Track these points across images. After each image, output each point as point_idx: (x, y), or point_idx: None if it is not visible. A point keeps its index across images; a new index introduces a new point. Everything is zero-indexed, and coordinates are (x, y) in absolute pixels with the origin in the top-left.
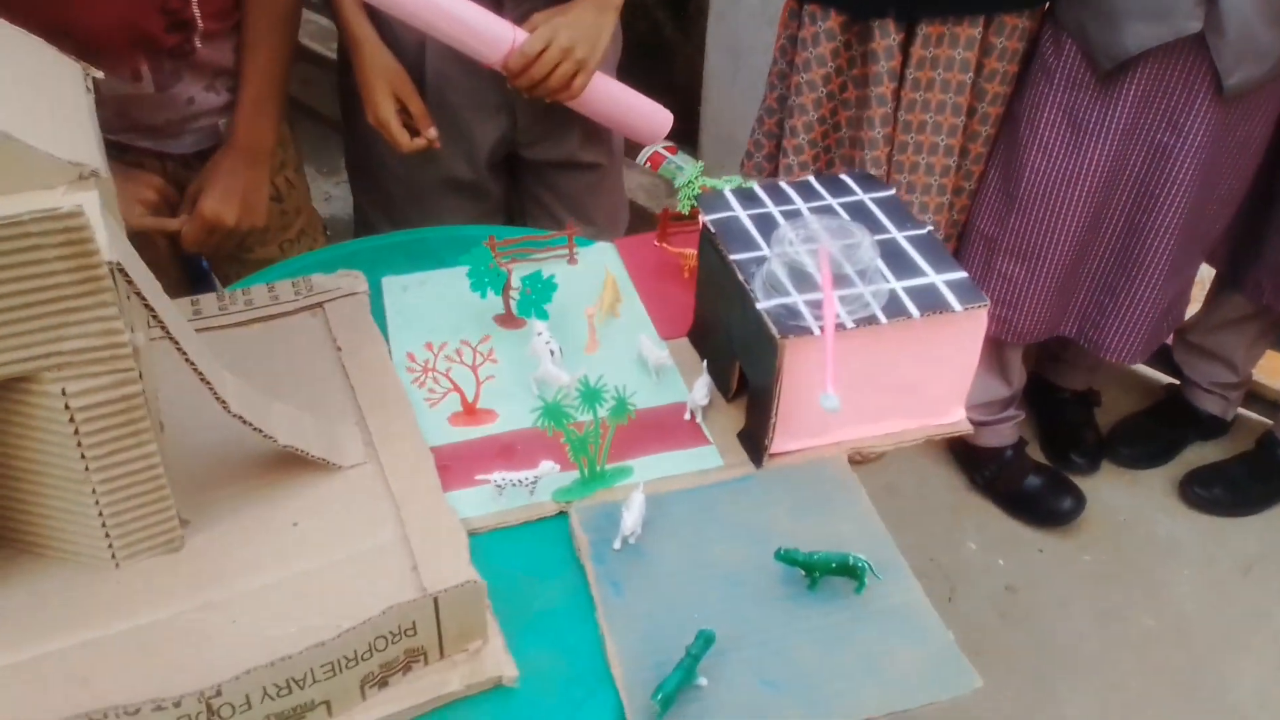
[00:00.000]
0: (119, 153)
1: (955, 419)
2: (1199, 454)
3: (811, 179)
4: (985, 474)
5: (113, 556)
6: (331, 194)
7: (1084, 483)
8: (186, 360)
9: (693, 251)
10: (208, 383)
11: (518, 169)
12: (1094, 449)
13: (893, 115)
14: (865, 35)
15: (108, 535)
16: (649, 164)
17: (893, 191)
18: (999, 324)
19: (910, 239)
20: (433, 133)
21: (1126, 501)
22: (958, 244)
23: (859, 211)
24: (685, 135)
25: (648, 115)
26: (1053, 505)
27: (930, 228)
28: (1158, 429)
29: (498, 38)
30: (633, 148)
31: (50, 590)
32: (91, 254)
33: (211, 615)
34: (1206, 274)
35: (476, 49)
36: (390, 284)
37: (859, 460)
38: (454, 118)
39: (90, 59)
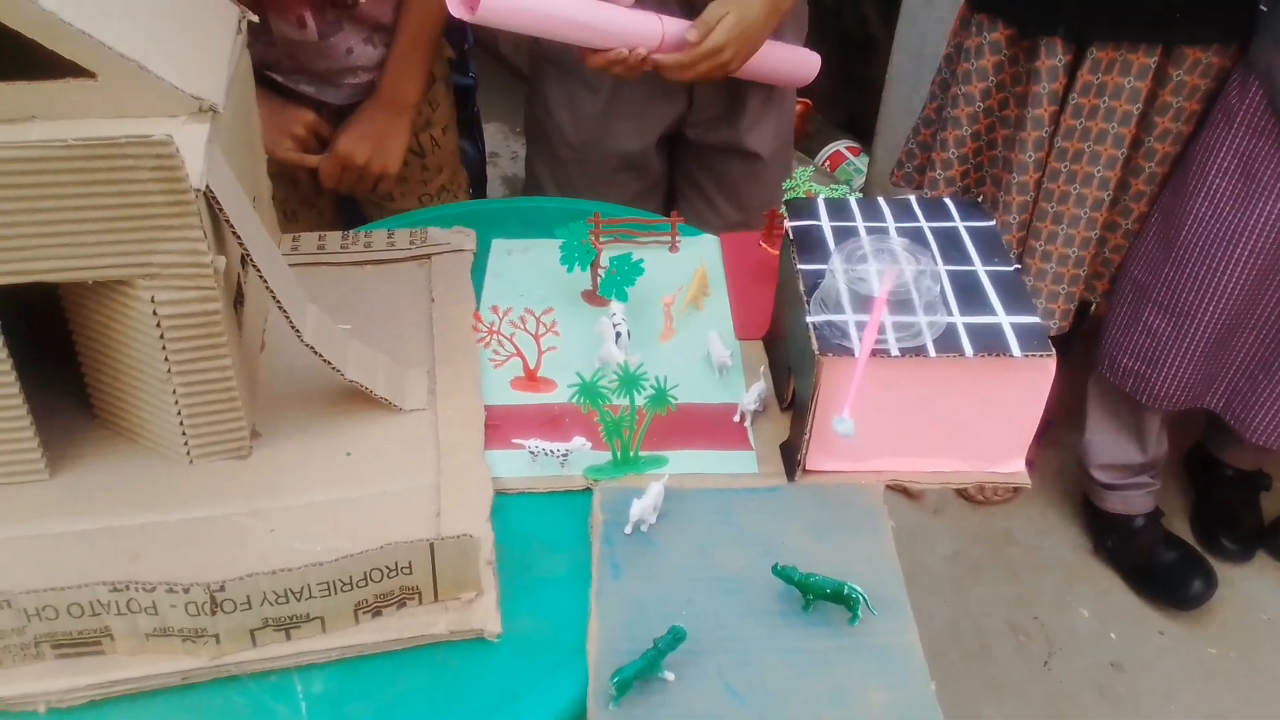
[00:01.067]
0: (285, 93)
1: (1013, 469)
2: None
3: (913, 199)
4: (1109, 542)
5: (188, 453)
6: (519, 153)
7: (1232, 571)
8: (267, 288)
9: None
10: (285, 312)
11: (678, 148)
12: (1251, 535)
13: (1048, 140)
14: (1032, 52)
15: (184, 434)
16: (828, 163)
17: (992, 223)
18: (1136, 380)
19: (992, 274)
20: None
21: (1275, 600)
22: (1110, 284)
23: (949, 239)
24: (870, 136)
25: (797, 62)
26: (1180, 584)
27: (1017, 266)
28: None
29: (644, 37)
30: (814, 146)
31: (131, 473)
32: (180, 180)
33: (255, 522)
34: None
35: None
36: (498, 246)
37: (909, 494)
38: (633, 92)
39: (261, 5)
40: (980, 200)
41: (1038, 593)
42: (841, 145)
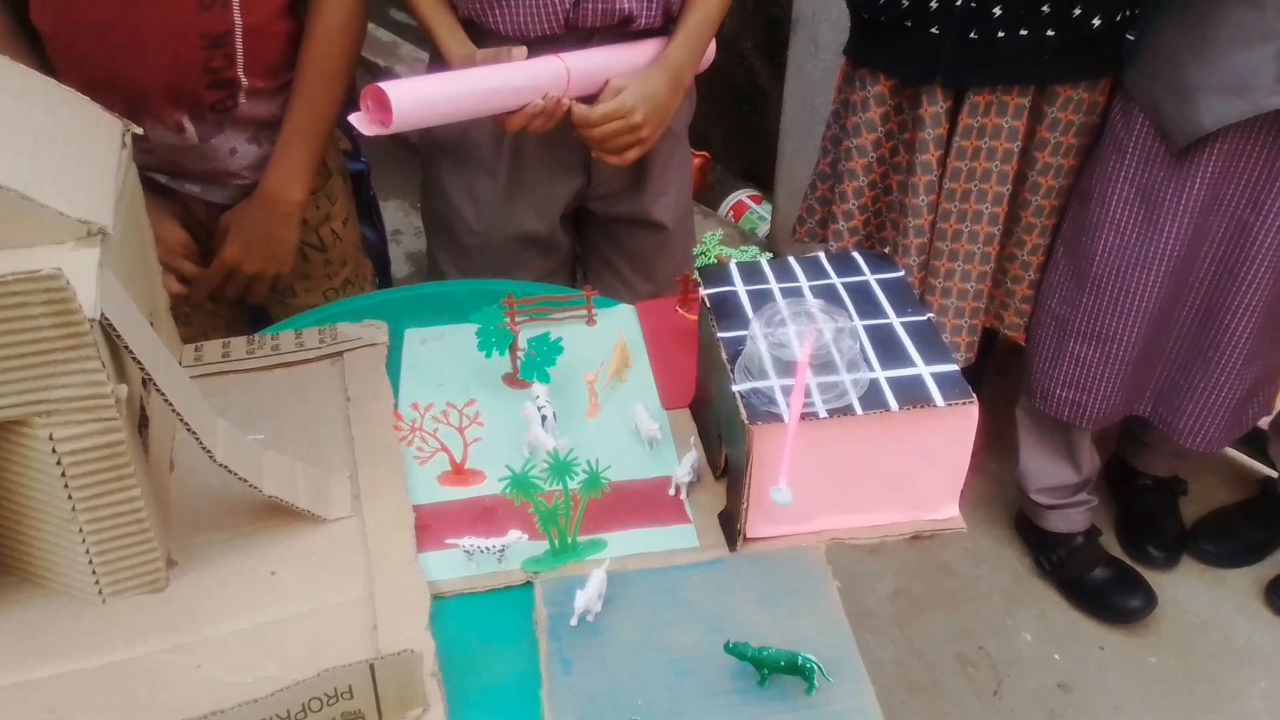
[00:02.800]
0: (168, 195)
1: (947, 515)
2: None
3: (821, 255)
4: (1052, 558)
5: (99, 592)
6: (421, 229)
7: (1160, 578)
8: (174, 412)
9: None
10: (194, 434)
11: (585, 223)
12: (1174, 541)
13: (937, 183)
14: (914, 101)
15: (94, 572)
16: (731, 213)
17: (901, 274)
18: (1072, 408)
19: (907, 325)
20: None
21: (1204, 602)
22: (1016, 315)
23: (861, 293)
24: (770, 184)
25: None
26: (1119, 601)
27: (930, 315)
28: (1247, 526)
29: (553, 81)
30: (715, 197)
31: (41, 620)
32: (73, 312)
33: (179, 658)
34: None
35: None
36: (411, 336)
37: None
38: (531, 173)
39: (135, 112)
40: (885, 244)
41: (980, 622)
42: (743, 194)
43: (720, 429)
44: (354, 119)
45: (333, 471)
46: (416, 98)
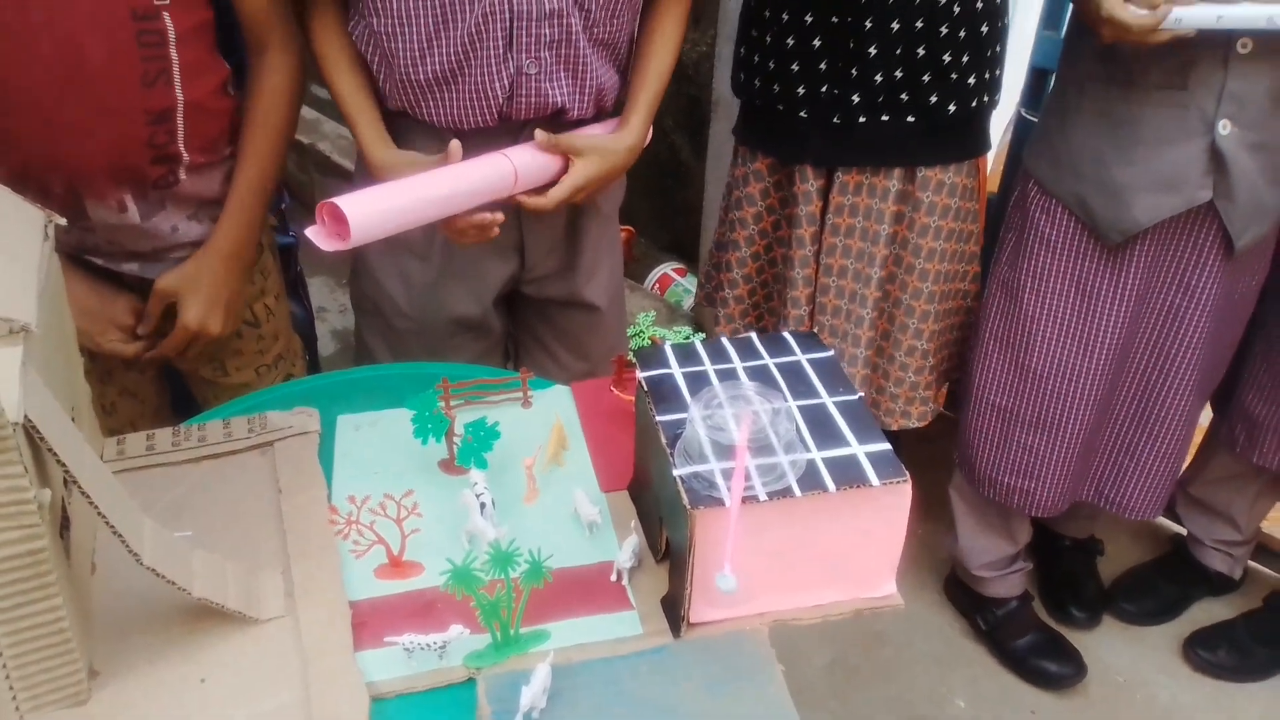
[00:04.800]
0: (105, 277)
1: (885, 593)
2: (1207, 611)
3: (754, 336)
4: (988, 619)
5: (17, 709)
6: (346, 306)
7: (1084, 638)
8: (99, 514)
9: None
10: (120, 535)
11: (517, 305)
12: (1095, 601)
13: (814, 259)
14: (791, 178)
15: (12, 688)
16: (657, 287)
17: (831, 353)
18: (1021, 495)
19: (839, 405)
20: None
21: (1127, 661)
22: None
23: (794, 373)
24: (694, 257)
25: None
26: (1050, 669)
27: (860, 394)
28: (1163, 583)
29: (500, 183)
30: (641, 270)
31: None
32: None
33: None
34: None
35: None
36: (344, 423)
37: None
38: (464, 258)
39: (77, 192)
40: (772, 314)
41: (915, 689)
42: (668, 267)
43: (661, 512)
44: (310, 233)
45: (264, 568)
46: (374, 212)
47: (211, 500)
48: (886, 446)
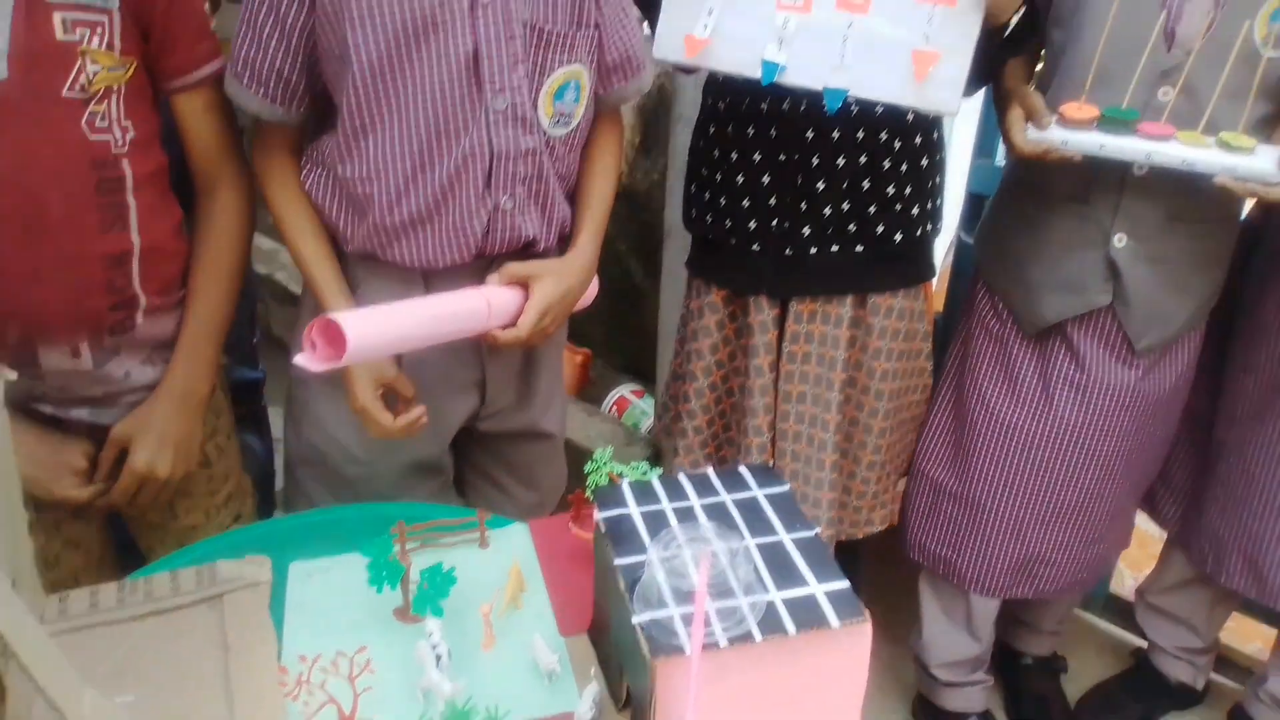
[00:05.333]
0: (55, 425)
1: None
2: None
3: (710, 471)
4: None
5: None
6: None
7: None
8: (37, 688)
9: None
10: (59, 710)
11: (465, 441)
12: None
13: (772, 387)
14: (745, 309)
15: None
16: (614, 409)
17: (787, 487)
18: (945, 565)
19: (797, 542)
20: (418, 411)
21: None
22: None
23: (752, 510)
24: (651, 378)
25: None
26: None
27: (818, 530)
28: (1128, 699)
29: (474, 318)
30: (598, 393)
31: None
32: None
33: None
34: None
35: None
36: (296, 570)
37: None
38: (427, 397)
39: (31, 340)
40: (731, 445)
41: None
42: (626, 389)
43: (621, 659)
44: (300, 360)
45: None
46: (370, 329)
47: (157, 661)
48: (845, 585)
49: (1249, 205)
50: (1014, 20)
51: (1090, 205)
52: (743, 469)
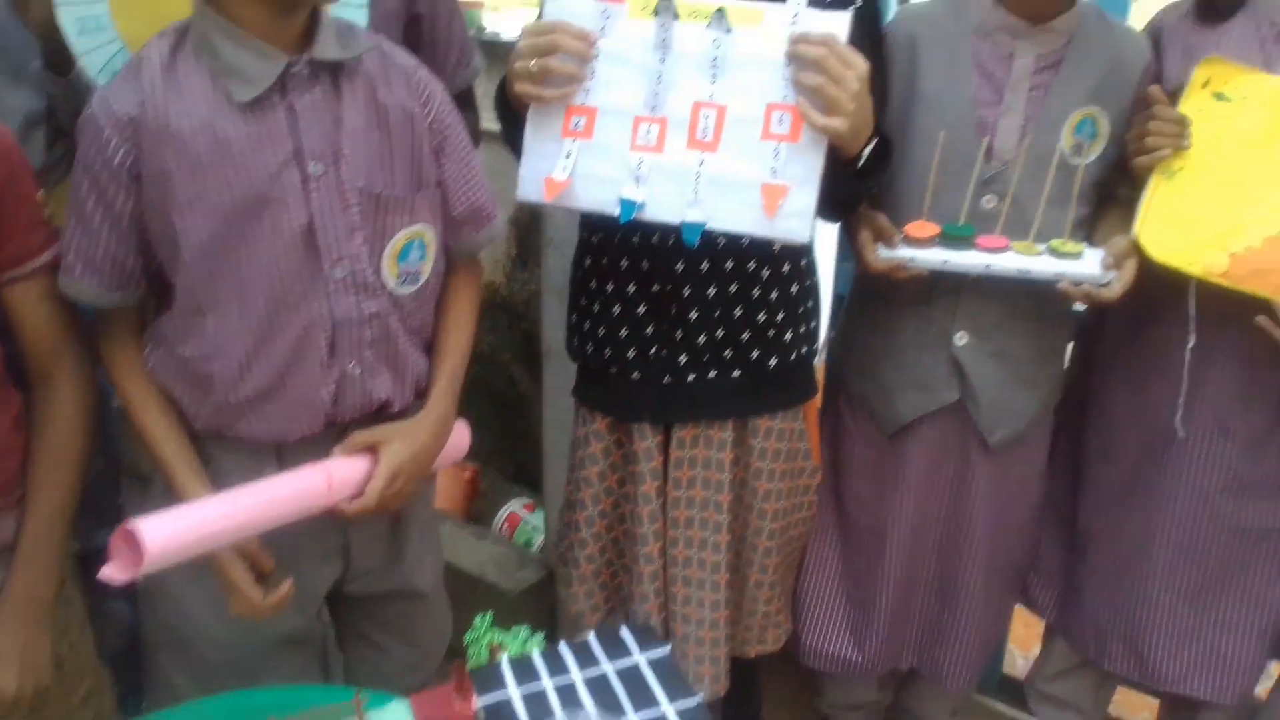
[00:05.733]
0: None
1: None
2: None
3: (591, 638)
4: None
5: None
6: None
7: None
8: None
9: None
10: None
11: (337, 605)
12: None
13: (660, 513)
14: (630, 436)
15: None
16: (505, 527)
17: (668, 649)
18: (842, 664)
19: (682, 713)
20: (286, 586)
21: None
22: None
23: (634, 680)
24: (542, 487)
25: (452, 442)
26: None
27: (700, 698)
28: None
29: (313, 496)
30: (488, 509)
31: None
32: None
33: None
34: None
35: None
36: None
37: None
38: (288, 567)
39: None
40: (625, 571)
41: None
42: (517, 504)
43: None
44: (107, 571)
45: None
46: (178, 533)
47: None
48: None
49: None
50: (867, 150)
51: (932, 307)
52: (625, 632)
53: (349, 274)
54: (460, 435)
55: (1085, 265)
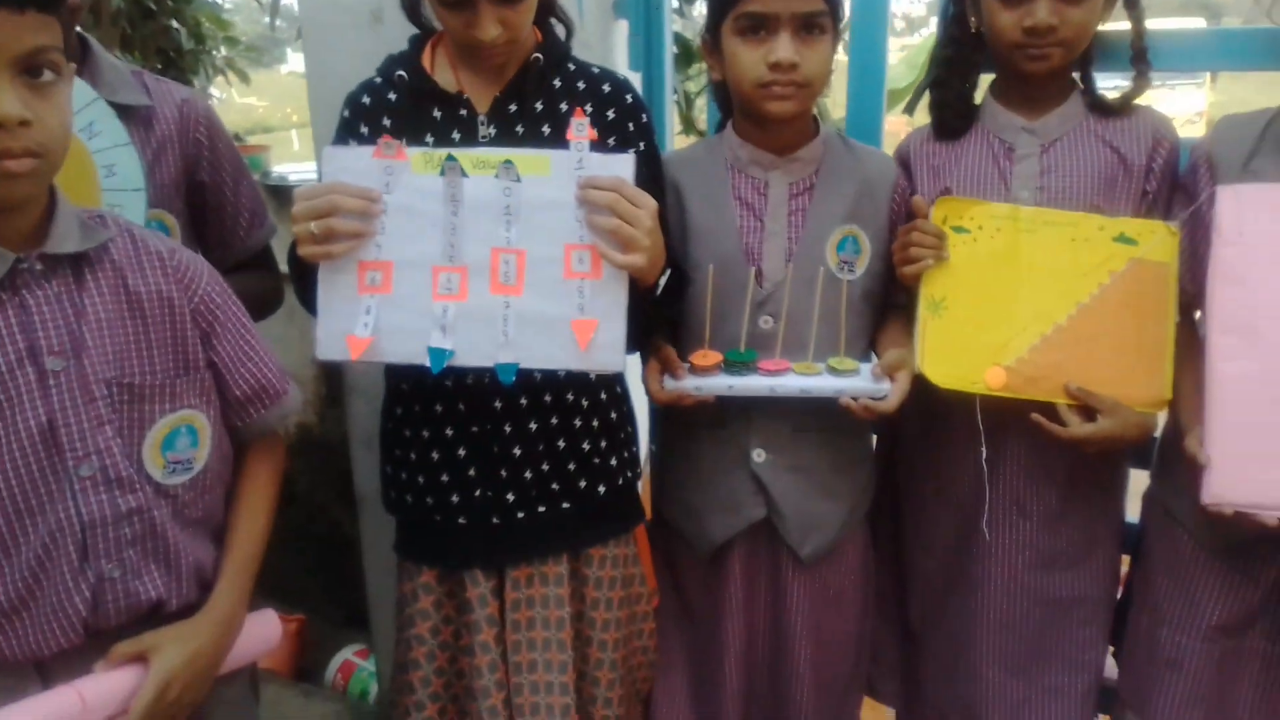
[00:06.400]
0: None
1: None
2: None
3: None
4: None
5: None
6: None
7: None
8: None
9: None
10: None
11: None
12: None
13: (500, 661)
14: (461, 585)
15: None
16: (339, 678)
17: None
18: None
19: None
20: None
21: None
22: None
23: None
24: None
25: (259, 637)
26: None
27: None
28: None
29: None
30: (320, 659)
31: None
32: None
33: None
34: None
35: None
36: None
37: None
38: None
39: None
40: None
41: None
42: (349, 652)
43: None
44: None
45: None
46: None
47: None
48: None
49: None
50: (663, 280)
51: (728, 429)
52: None
53: (98, 470)
54: (265, 626)
55: (861, 380)
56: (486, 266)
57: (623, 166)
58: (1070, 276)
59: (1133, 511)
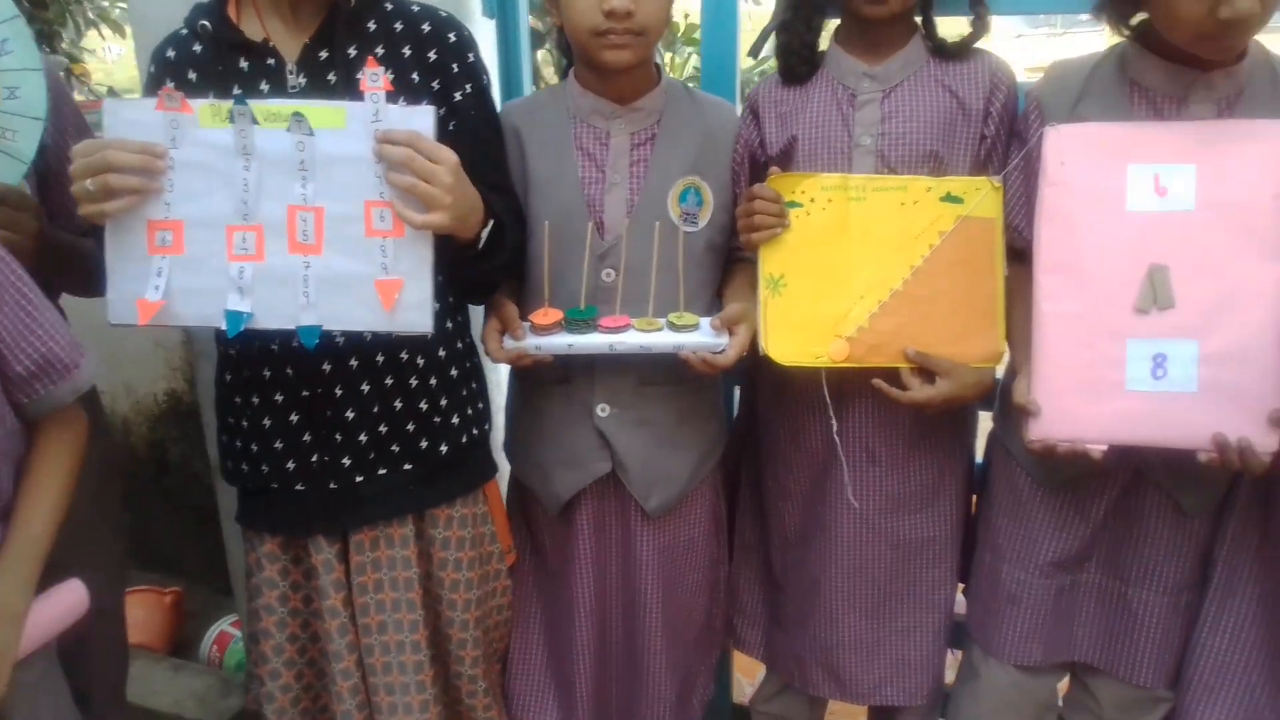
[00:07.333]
0: None
1: None
2: None
3: None
4: None
5: None
6: None
7: None
8: None
9: None
10: None
11: None
12: None
13: (351, 623)
14: (305, 551)
15: None
16: (215, 649)
17: None
18: None
19: None
20: None
21: None
22: None
23: None
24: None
25: (64, 606)
26: None
27: None
28: None
29: None
30: (198, 630)
31: None
32: None
33: None
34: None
35: None
36: None
37: None
38: None
39: None
40: (327, 692)
41: None
42: (225, 623)
43: None
44: None
45: None
46: None
47: None
48: None
49: None
50: (484, 233)
51: (572, 384)
52: None
53: None
54: (69, 597)
55: (700, 335)
56: (283, 225)
57: (421, 119)
58: (902, 240)
59: (982, 453)
